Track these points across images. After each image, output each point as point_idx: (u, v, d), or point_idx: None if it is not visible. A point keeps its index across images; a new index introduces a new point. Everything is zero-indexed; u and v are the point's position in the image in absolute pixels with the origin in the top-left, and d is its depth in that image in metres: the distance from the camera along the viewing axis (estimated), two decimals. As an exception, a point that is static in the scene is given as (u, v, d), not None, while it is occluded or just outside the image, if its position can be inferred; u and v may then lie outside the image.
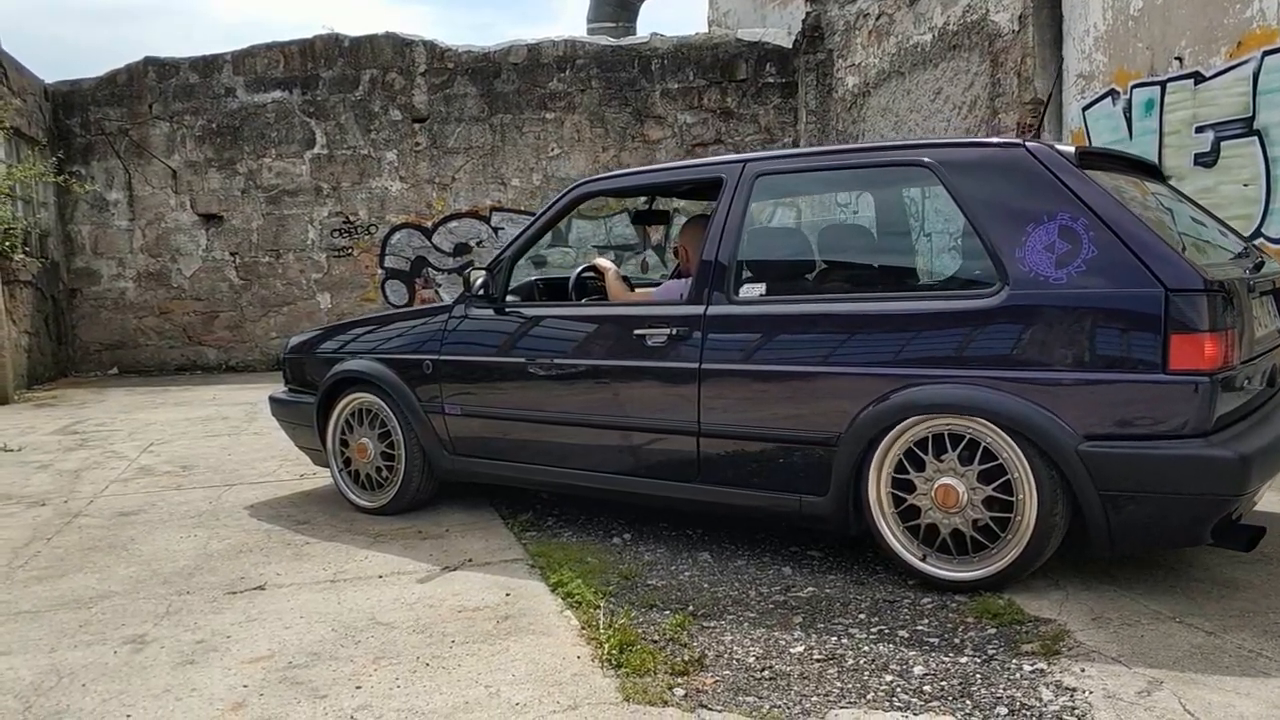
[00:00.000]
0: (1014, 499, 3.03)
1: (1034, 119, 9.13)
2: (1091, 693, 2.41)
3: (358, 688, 2.63)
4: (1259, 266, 3.45)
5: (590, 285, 4.58)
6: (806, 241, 3.93)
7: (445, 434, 4.34)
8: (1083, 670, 2.55)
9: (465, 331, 4.31)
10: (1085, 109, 8.73)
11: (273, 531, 4.35)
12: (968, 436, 3.11)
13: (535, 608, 3.23)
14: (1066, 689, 2.44)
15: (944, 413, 3.12)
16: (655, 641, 2.87)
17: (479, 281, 4.28)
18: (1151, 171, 3.93)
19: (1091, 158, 3.34)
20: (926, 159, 3.36)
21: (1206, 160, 7.61)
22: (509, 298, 4.38)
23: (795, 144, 12.87)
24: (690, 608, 3.16)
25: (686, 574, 3.55)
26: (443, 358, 4.32)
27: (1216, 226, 3.87)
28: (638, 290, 4.45)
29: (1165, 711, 2.30)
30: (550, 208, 4.28)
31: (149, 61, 13.00)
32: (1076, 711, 2.32)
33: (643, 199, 4.79)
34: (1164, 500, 2.87)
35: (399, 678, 2.68)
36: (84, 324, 13.20)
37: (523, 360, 4.09)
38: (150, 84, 12.96)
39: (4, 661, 2.92)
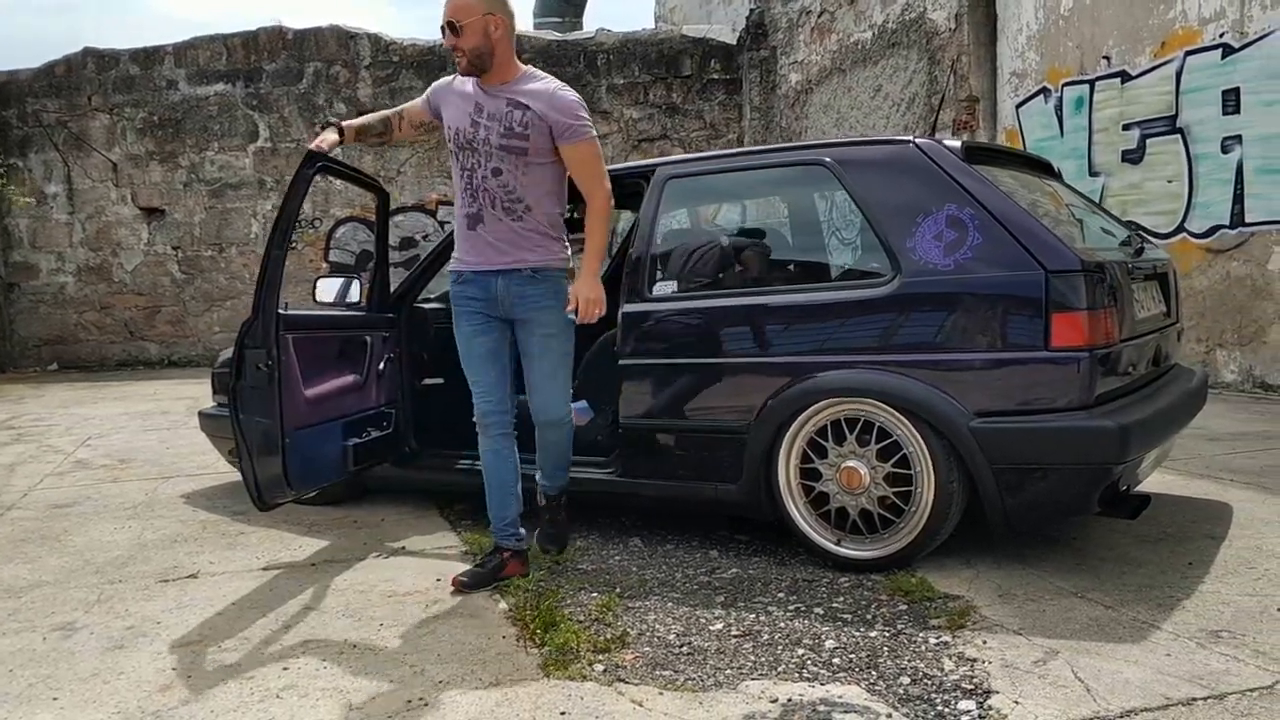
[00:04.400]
0: (912, 475, 3.17)
1: (970, 116, 9.31)
2: (990, 663, 2.53)
3: (284, 669, 2.68)
4: (1139, 252, 3.63)
5: None
6: (716, 240, 4.05)
7: None
8: (984, 642, 2.66)
9: None
10: (1019, 106, 8.95)
11: (208, 522, 4.38)
12: (862, 419, 3.24)
13: (465, 592, 3.29)
14: (967, 660, 2.56)
15: (844, 397, 3.25)
16: (580, 621, 2.94)
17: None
18: (1043, 167, 4.11)
19: (979, 152, 3.52)
20: (826, 159, 3.51)
21: (1133, 157, 7.83)
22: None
23: (740, 140, 13.00)
24: (617, 589, 3.24)
25: (616, 558, 3.63)
26: None
27: (1103, 217, 4.06)
28: None
29: (1058, 679, 2.42)
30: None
31: (88, 53, 12.85)
32: (975, 679, 2.43)
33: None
34: (1051, 471, 3.03)
35: (325, 660, 2.74)
36: (22, 319, 13.02)
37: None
38: (89, 75, 12.81)
39: (-69, 649, 2.94)
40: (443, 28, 3.16)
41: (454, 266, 3.32)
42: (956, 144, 3.38)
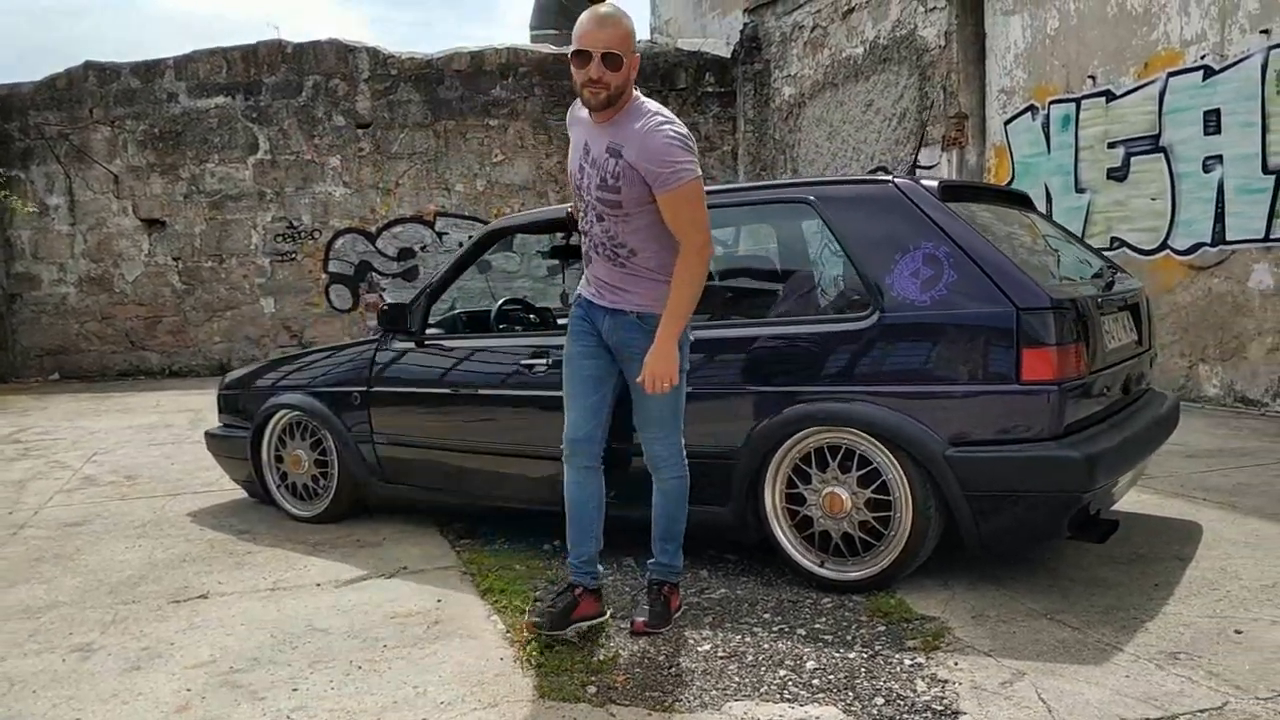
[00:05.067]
0: (891, 500, 3.32)
1: (959, 132, 9.47)
2: (960, 684, 2.68)
3: (294, 690, 2.83)
4: (1110, 285, 3.78)
5: (513, 316, 4.79)
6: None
7: (375, 461, 4.56)
8: (956, 664, 2.82)
9: (389, 364, 4.54)
10: (1007, 123, 9.10)
11: (216, 541, 4.52)
12: (844, 447, 3.39)
13: (464, 613, 3.44)
14: (939, 681, 2.71)
15: (826, 426, 3.40)
16: (574, 643, 3.09)
17: (400, 316, 4.48)
18: (1020, 200, 4.27)
19: (955, 190, 3.69)
20: (810, 196, 3.67)
21: (1118, 174, 8.00)
22: (433, 330, 4.60)
23: (734, 152, 13.17)
24: (610, 610, 3.39)
25: (610, 578, 3.77)
26: (369, 389, 4.56)
27: (1078, 247, 4.21)
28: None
29: (1023, 700, 2.57)
30: (465, 249, 4.52)
31: (89, 66, 12.98)
32: (945, 700, 2.59)
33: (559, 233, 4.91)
34: (1022, 498, 3.19)
35: (333, 680, 2.89)
36: (24, 329, 13.15)
37: (444, 391, 4.33)
38: (91, 88, 12.94)
39: (-44, 671, 3.08)
40: (579, 53, 2.94)
41: (576, 291, 3.31)
42: (934, 183, 3.55)
